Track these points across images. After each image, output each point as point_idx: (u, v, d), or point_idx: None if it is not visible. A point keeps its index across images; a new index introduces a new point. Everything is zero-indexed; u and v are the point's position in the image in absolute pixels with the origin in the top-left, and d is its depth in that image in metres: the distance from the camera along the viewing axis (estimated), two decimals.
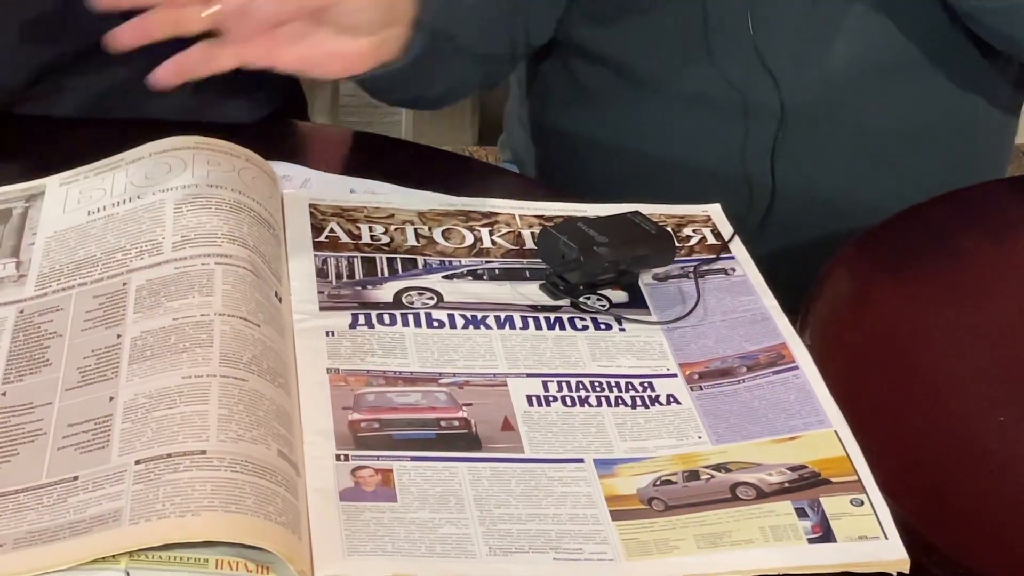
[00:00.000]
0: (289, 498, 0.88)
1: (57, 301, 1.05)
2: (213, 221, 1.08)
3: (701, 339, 1.08)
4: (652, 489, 0.93)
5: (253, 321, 1.00)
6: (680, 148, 1.45)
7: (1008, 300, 1.17)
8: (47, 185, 1.17)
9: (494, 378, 1.02)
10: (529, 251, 1.16)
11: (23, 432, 0.94)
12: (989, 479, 0.99)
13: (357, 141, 1.38)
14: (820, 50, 1.39)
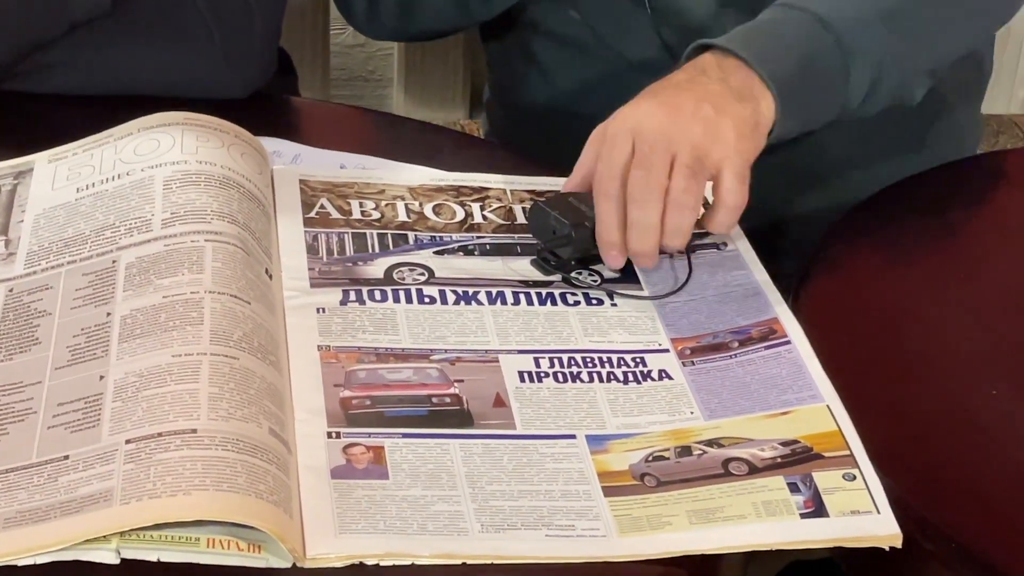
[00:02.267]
0: (280, 476, 0.88)
1: (46, 279, 1.05)
2: (203, 198, 1.08)
3: (693, 314, 1.08)
4: (644, 465, 0.93)
5: (244, 299, 1.00)
6: None
7: (1001, 274, 1.17)
8: (36, 162, 1.17)
9: (486, 354, 1.02)
10: (520, 226, 1.16)
11: (13, 411, 0.94)
12: (982, 453, 0.99)
13: (348, 116, 1.38)
14: None
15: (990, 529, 0.92)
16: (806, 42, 1.17)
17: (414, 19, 1.44)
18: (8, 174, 1.16)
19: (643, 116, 1.10)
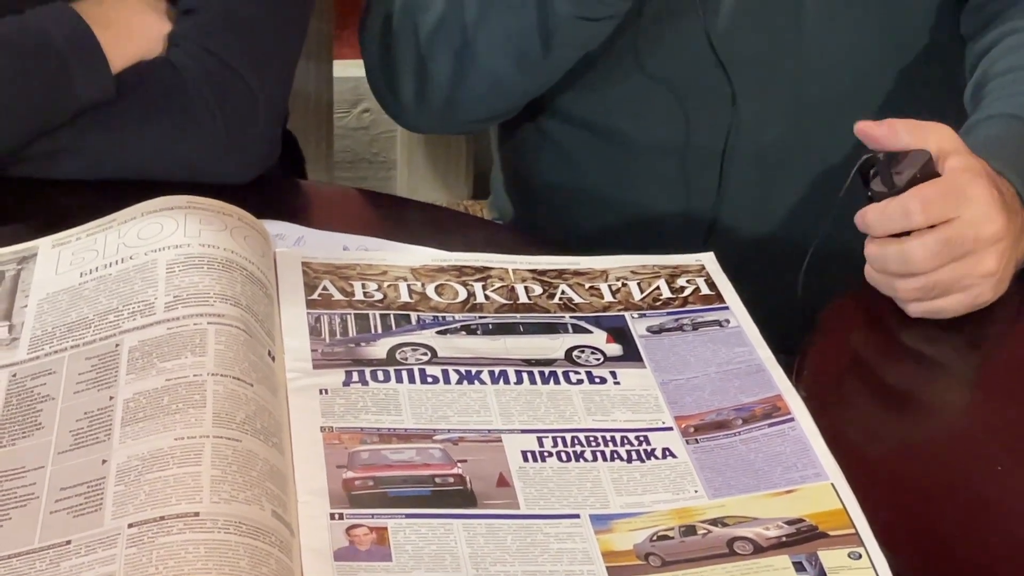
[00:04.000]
0: (283, 559, 0.88)
1: (50, 364, 1.05)
2: (205, 281, 1.08)
3: (696, 391, 1.07)
4: (649, 544, 0.93)
5: (246, 381, 1.00)
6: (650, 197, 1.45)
7: (1003, 349, 1.17)
8: (39, 247, 1.17)
9: (488, 434, 1.02)
10: (523, 305, 1.16)
11: (15, 496, 0.94)
12: (989, 530, 0.99)
13: (351, 198, 1.39)
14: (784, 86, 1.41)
15: None
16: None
17: (468, 95, 1.43)
18: (12, 259, 1.17)
19: (985, 229, 1.13)
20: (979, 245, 1.14)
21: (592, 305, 1.16)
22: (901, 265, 1.13)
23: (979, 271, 1.14)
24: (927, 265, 1.12)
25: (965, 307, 1.15)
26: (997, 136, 1.21)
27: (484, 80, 1.40)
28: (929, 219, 1.12)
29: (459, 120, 1.48)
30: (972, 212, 1.14)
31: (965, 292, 1.14)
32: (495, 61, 1.39)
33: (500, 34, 1.37)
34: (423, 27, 1.40)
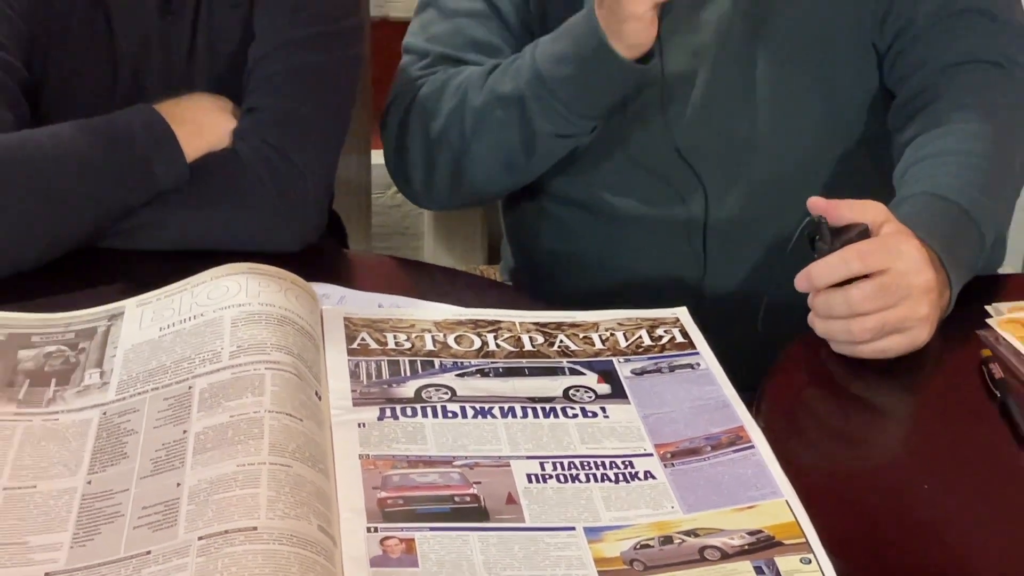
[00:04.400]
0: (328, 566, 0.88)
1: (134, 403, 1.05)
2: (263, 333, 1.08)
3: (672, 423, 1.07)
4: (633, 552, 0.92)
5: (297, 416, 1.00)
6: (637, 261, 1.45)
7: (933, 387, 1.17)
8: (126, 307, 1.18)
9: (499, 460, 1.02)
10: (528, 352, 1.15)
11: (104, 514, 0.94)
12: (917, 538, 0.98)
13: (385, 264, 1.39)
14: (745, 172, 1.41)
15: None
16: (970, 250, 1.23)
17: (465, 187, 1.44)
18: (103, 317, 1.17)
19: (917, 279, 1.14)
20: (913, 292, 1.14)
21: (585, 352, 1.16)
22: (846, 308, 1.13)
23: (917, 315, 1.14)
24: (866, 306, 1.12)
25: (905, 348, 1.15)
26: (919, 210, 1.22)
27: (478, 178, 1.41)
28: (865, 268, 1.12)
29: (459, 203, 1.49)
30: (904, 264, 1.14)
31: (905, 334, 1.14)
32: (487, 164, 1.40)
33: (491, 145, 1.38)
34: (430, 132, 1.41)
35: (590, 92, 1.33)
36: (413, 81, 1.43)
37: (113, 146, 1.26)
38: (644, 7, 1.25)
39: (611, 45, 1.29)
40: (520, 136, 1.37)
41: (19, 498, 0.96)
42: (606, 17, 1.29)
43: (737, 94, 1.40)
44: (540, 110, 1.34)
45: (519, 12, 1.44)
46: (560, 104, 1.34)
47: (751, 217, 1.41)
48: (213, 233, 1.29)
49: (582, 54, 1.31)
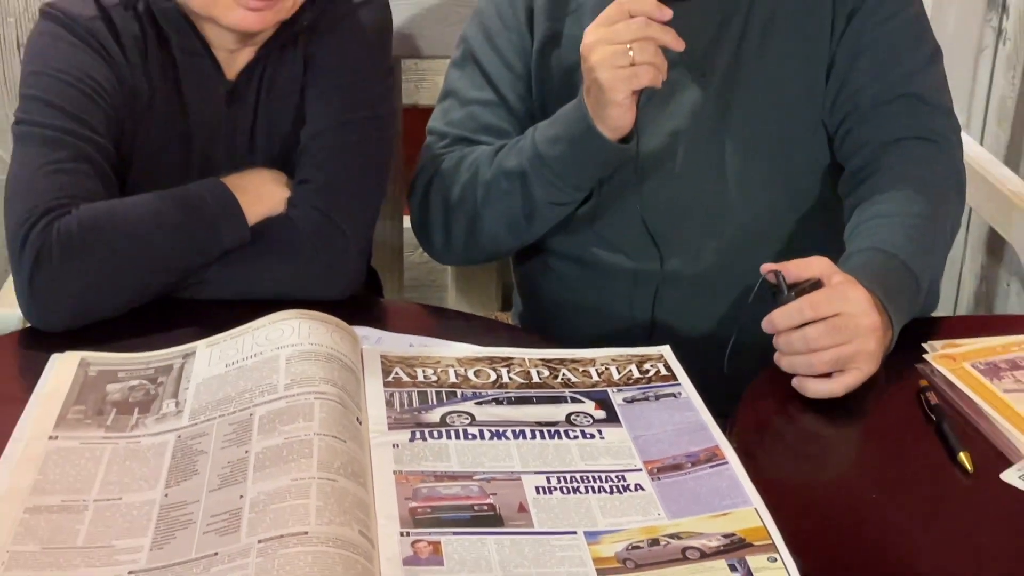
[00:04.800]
0: (368, 565, 0.88)
1: (204, 428, 1.05)
2: (313, 369, 1.08)
3: (658, 443, 1.06)
4: (625, 552, 0.92)
5: (341, 438, 1.00)
6: (624, 307, 1.45)
7: (874, 414, 1.16)
8: (198, 347, 1.18)
9: (512, 475, 1.01)
10: (535, 384, 1.15)
11: (179, 521, 0.94)
12: (865, 541, 0.97)
13: (415, 311, 1.39)
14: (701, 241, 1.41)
15: None
16: (909, 296, 1.22)
17: (477, 247, 1.44)
18: (178, 356, 1.17)
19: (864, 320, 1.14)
20: (861, 331, 1.13)
21: (584, 383, 1.16)
22: (804, 345, 1.13)
23: (866, 351, 1.14)
24: (822, 342, 1.12)
25: (857, 380, 1.14)
26: (865, 263, 1.22)
27: (487, 238, 1.42)
28: (816, 315, 1.13)
29: (472, 260, 1.49)
30: (852, 308, 1.14)
31: (857, 369, 1.14)
32: (495, 228, 1.40)
33: (498, 212, 1.39)
34: (448, 200, 1.41)
35: (580, 167, 1.34)
36: (435, 158, 1.44)
37: (187, 212, 1.27)
38: (623, 95, 1.26)
39: (597, 128, 1.30)
40: (522, 204, 1.37)
41: (107, 508, 0.96)
42: (592, 104, 1.29)
43: (709, 168, 1.40)
44: (539, 183, 1.35)
45: (523, 101, 1.46)
46: (555, 177, 1.34)
47: (719, 271, 1.41)
48: (270, 285, 1.29)
49: (573, 136, 1.32)
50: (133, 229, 1.24)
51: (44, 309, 1.22)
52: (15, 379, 1.16)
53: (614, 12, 1.27)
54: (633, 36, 1.25)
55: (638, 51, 1.25)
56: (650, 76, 1.26)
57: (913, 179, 1.31)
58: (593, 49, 1.27)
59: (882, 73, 1.37)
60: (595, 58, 1.26)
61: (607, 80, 1.25)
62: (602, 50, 1.26)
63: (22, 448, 1.03)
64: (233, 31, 1.33)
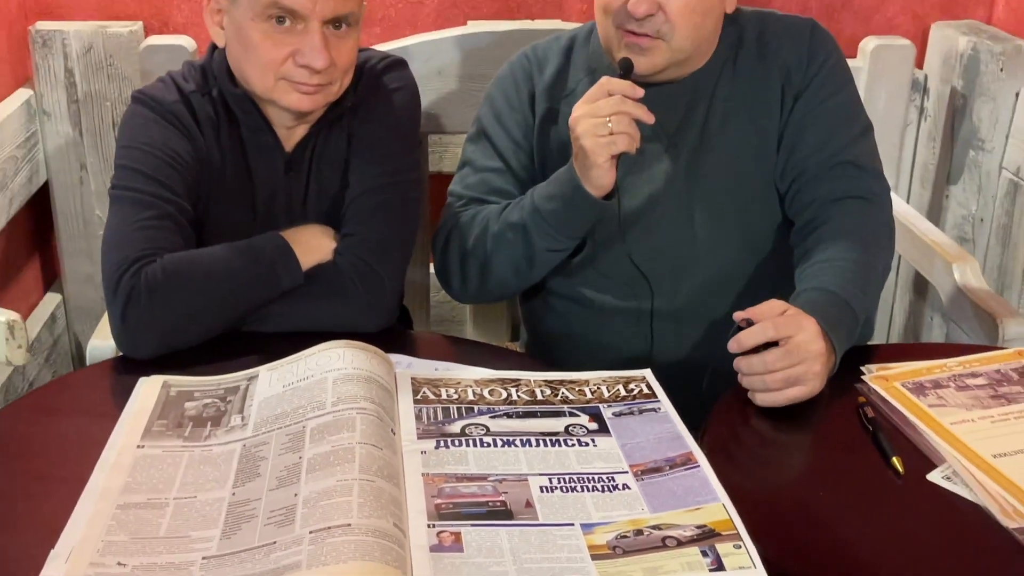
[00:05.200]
0: (400, 552, 0.88)
1: (265, 438, 1.05)
2: (355, 389, 1.09)
3: (642, 450, 1.06)
4: (615, 540, 0.92)
5: (379, 446, 1.00)
6: (612, 338, 1.45)
7: (822, 424, 1.16)
8: (260, 371, 1.18)
9: (520, 476, 1.01)
10: (539, 401, 1.15)
11: (244, 516, 0.94)
12: (815, 528, 0.98)
13: (439, 341, 1.39)
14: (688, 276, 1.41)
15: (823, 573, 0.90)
16: (847, 329, 1.21)
17: (488, 288, 1.43)
18: (243, 378, 1.17)
19: (813, 346, 1.14)
20: (810, 355, 1.14)
21: (580, 400, 1.15)
22: (762, 367, 1.13)
23: (813, 371, 1.14)
24: (777, 365, 1.12)
25: (805, 396, 1.14)
26: (812, 300, 1.21)
27: (497, 281, 1.41)
28: (778, 334, 1.13)
29: (484, 299, 1.49)
30: (804, 335, 1.14)
31: (805, 384, 1.14)
32: (502, 272, 1.40)
33: (504, 258, 1.39)
34: (464, 250, 1.41)
35: (571, 220, 1.34)
36: (454, 215, 1.45)
37: (252, 260, 1.27)
38: (603, 159, 1.27)
39: (584, 187, 1.30)
40: (524, 252, 1.37)
41: (184, 505, 0.96)
42: (579, 167, 1.30)
43: (681, 224, 1.40)
44: (537, 233, 1.36)
45: (526, 169, 1.47)
46: (551, 228, 1.35)
47: (692, 309, 1.41)
48: (320, 320, 1.29)
49: (565, 194, 1.33)
50: (207, 275, 1.25)
51: (133, 341, 1.23)
52: (109, 398, 1.16)
53: (596, 91, 1.28)
54: (611, 110, 1.26)
55: (615, 123, 1.26)
56: (625, 143, 1.27)
57: (851, 231, 1.32)
58: (579, 121, 1.28)
59: (824, 144, 1.38)
60: (580, 128, 1.28)
61: (590, 146, 1.27)
62: (586, 122, 1.27)
63: (115, 455, 1.03)
64: (289, 111, 1.34)
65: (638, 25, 1.31)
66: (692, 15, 1.31)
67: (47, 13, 1.97)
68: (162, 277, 1.22)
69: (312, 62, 1.27)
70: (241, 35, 1.30)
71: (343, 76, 1.34)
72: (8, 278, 1.96)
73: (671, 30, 1.31)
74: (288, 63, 1.29)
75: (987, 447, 1.07)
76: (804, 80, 1.39)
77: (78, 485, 0.98)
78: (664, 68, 1.35)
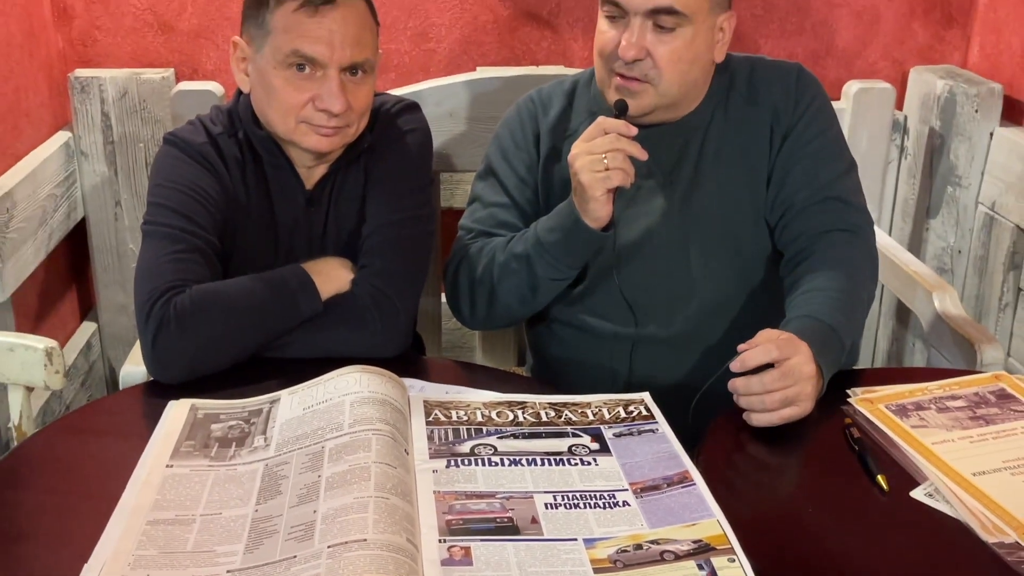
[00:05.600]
0: (413, 566, 0.87)
1: (286, 458, 1.05)
2: (371, 411, 1.09)
3: (640, 469, 1.06)
4: (616, 555, 0.91)
5: (393, 465, 1.00)
6: (610, 363, 1.44)
7: (809, 445, 1.15)
8: (282, 395, 1.18)
9: (526, 494, 1.01)
10: (544, 422, 1.15)
11: (266, 531, 0.94)
12: (805, 542, 0.97)
13: (450, 366, 1.39)
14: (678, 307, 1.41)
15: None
16: (834, 354, 1.21)
17: (495, 314, 1.43)
18: (266, 401, 1.17)
19: (806, 368, 1.15)
20: (804, 377, 1.14)
21: (582, 421, 1.15)
22: (760, 387, 1.13)
23: (805, 392, 1.14)
24: (774, 385, 1.12)
25: (798, 416, 1.14)
26: (802, 327, 1.21)
27: (503, 308, 1.41)
28: (780, 355, 1.13)
29: (492, 326, 1.49)
30: (798, 359, 1.14)
31: (798, 405, 1.14)
32: (508, 299, 1.40)
33: (510, 287, 1.39)
34: (473, 279, 1.42)
35: (570, 251, 1.35)
36: (464, 247, 1.45)
37: (274, 290, 1.28)
38: (600, 192, 1.28)
39: (583, 219, 1.31)
40: (528, 280, 1.38)
41: (210, 521, 0.96)
42: (578, 201, 1.31)
43: (676, 256, 1.41)
44: (540, 263, 1.36)
45: (531, 204, 1.47)
46: (552, 259, 1.35)
47: (686, 335, 1.41)
48: (338, 346, 1.29)
49: (565, 226, 1.33)
50: (232, 303, 1.25)
51: (163, 367, 1.23)
52: (140, 420, 1.16)
53: (593, 130, 1.29)
54: (607, 147, 1.27)
55: (611, 159, 1.27)
56: (620, 178, 1.27)
57: (837, 262, 1.32)
58: (577, 158, 1.29)
59: (810, 181, 1.38)
60: (578, 164, 1.28)
61: (587, 181, 1.27)
62: (583, 159, 1.28)
63: (145, 474, 1.03)
64: (309, 152, 1.35)
65: (627, 68, 1.32)
66: (679, 63, 1.32)
67: (85, 61, 1.99)
68: (190, 306, 1.23)
69: (330, 106, 1.28)
70: (264, 81, 1.31)
71: (360, 119, 1.35)
72: (47, 308, 1.97)
73: (658, 75, 1.32)
74: (308, 107, 1.30)
75: (967, 466, 1.07)
76: (791, 121, 1.40)
77: (111, 502, 0.98)
78: (652, 110, 1.36)
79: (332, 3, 1.27)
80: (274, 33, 1.29)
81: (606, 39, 1.34)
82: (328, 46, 1.27)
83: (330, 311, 1.30)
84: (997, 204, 2.00)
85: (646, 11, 1.30)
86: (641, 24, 1.30)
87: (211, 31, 1.99)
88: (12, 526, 0.96)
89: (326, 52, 1.27)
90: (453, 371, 1.34)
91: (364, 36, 1.31)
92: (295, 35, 1.27)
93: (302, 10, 1.27)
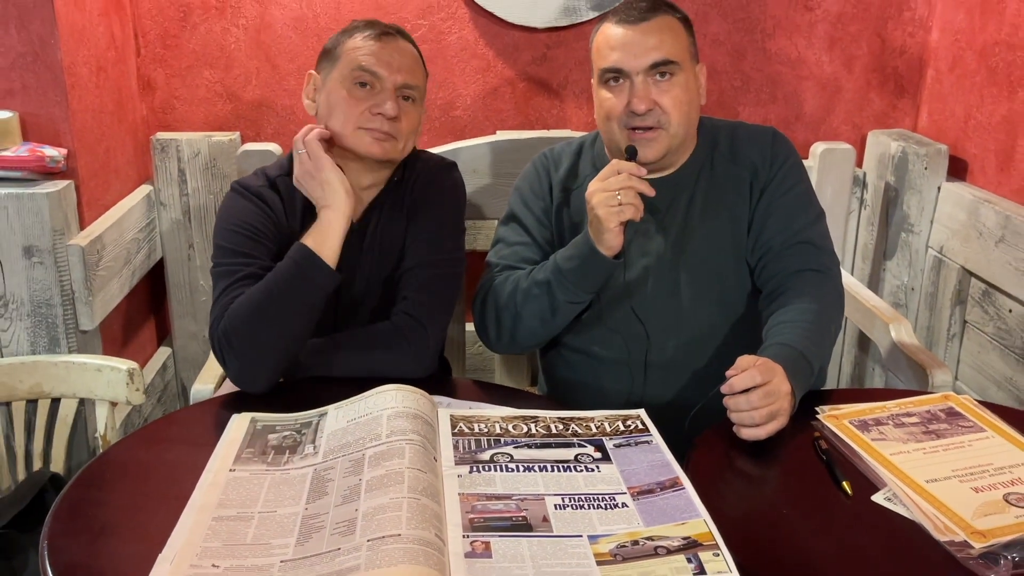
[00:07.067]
0: (440, 558, 0.87)
1: (332, 464, 1.05)
2: (405, 423, 1.09)
3: (637, 475, 1.05)
4: (616, 549, 0.91)
5: (424, 470, 1.00)
6: (613, 384, 1.43)
7: (786, 453, 1.14)
8: (328, 409, 1.18)
9: (538, 496, 1.00)
10: (554, 434, 1.14)
11: (314, 527, 0.94)
12: (782, 539, 0.96)
13: (472, 385, 1.38)
14: (675, 333, 1.40)
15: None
16: (804, 377, 1.21)
17: (519, 337, 1.42)
18: (316, 415, 1.17)
19: (783, 387, 1.14)
20: (782, 395, 1.13)
21: (587, 434, 1.15)
22: (747, 404, 1.12)
23: (784, 409, 1.14)
24: (761, 403, 1.12)
25: (776, 428, 1.13)
26: (776, 354, 1.21)
27: (526, 330, 1.41)
28: (764, 379, 1.13)
29: (517, 348, 1.48)
30: (777, 380, 1.14)
31: (777, 419, 1.13)
32: (531, 323, 1.40)
33: (533, 311, 1.39)
34: (498, 307, 1.41)
35: (587, 275, 1.35)
36: (490, 279, 1.46)
37: (283, 274, 1.26)
38: (614, 224, 1.28)
39: (598, 248, 1.31)
40: (549, 304, 1.37)
41: (266, 517, 0.96)
42: (593, 232, 1.31)
43: (669, 291, 1.41)
44: (559, 288, 1.36)
45: (548, 243, 1.48)
46: (570, 284, 1.35)
47: (677, 361, 1.40)
48: (377, 368, 1.29)
49: (582, 254, 1.33)
50: (257, 302, 1.24)
51: (243, 383, 1.25)
52: (208, 431, 1.17)
53: (608, 171, 1.30)
54: (620, 185, 1.28)
55: (623, 195, 1.28)
56: (631, 212, 1.28)
57: (808, 298, 1.31)
58: (594, 194, 1.30)
59: (785, 228, 1.39)
60: (595, 200, 1.29)
61: (603, 215, 1.28)
62: (599, 195, 1.29)
63: (211, 477, 1.03)
64: (363, 161, 1.35)
65: (641, 120, 1.34)
66: (682, 105, 1.35)
67: (165, 125, 2.02)
68: (228, 324, 1.24)
69: (385, 110, 1.32)
70: (331, 97, 1.35)
71: (406, 139, 1.37)
72: (130, 335, 1.98)
73: (668, 120, 1.35)
74: (365, 113, 1.33)
75: (921, 474, 1.06)
76: (768, 176, 1.41)
77: (182, 501, 0.98)
78: (665, 154, 1.37)
79: (393, 36, 1.35)
80: (344, 57, 1.34)
81: (611, 104, 1.36)
82: (387, 67, 1.33)
83: (370, 337, 1.30)
84: (945, 248, 1.99)
85: (647, 68, 1.33)
86: (643, 80, 1.33)
87: (271, 100, 2.02)
88: (98, 521, 0.96)
89: (385, 71, 1.33)
90: (475, 390, 1.34)
91: (416, 69, 1.36)
92: (362, 54, 1.33)
93: (370, 37, 1.34)
